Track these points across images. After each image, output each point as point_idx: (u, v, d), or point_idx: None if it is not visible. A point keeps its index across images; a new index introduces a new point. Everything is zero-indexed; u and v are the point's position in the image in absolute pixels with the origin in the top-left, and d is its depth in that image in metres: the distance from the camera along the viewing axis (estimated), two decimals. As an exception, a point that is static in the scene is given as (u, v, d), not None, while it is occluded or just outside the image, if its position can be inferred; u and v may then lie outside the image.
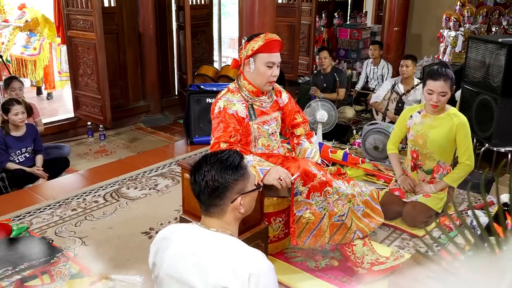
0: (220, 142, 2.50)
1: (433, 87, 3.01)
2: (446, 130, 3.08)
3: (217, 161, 1.53)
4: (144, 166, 4.23)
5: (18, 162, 3.97)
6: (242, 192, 1.53)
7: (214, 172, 1.50)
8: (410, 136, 3.24)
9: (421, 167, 3.26)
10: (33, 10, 6.78)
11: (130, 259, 2.79)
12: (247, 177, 1.56)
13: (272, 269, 1.41)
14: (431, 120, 3.13)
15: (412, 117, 3.24)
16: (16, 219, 3.24)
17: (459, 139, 3.09)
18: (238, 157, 1.56)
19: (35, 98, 6.98)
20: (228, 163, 1.52)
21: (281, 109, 2.83)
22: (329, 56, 5.43)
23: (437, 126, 3.11)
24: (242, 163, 1.56)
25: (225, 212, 1.52)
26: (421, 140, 3.17)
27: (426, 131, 3.14)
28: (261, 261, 1.40)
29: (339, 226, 2.56)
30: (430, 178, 3.24)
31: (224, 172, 1.50)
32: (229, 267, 1.37)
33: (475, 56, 4.13)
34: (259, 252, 1.44)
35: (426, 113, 3.17)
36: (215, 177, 1.49)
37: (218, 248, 1.43)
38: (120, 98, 5.89)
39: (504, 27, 6.53)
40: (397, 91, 4.92)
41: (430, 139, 3.13)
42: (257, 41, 2.54)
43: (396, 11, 6.70)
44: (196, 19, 6.32)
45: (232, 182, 1.51)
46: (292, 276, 2.60)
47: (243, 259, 1.39)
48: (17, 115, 3.91)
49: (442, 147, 3.13)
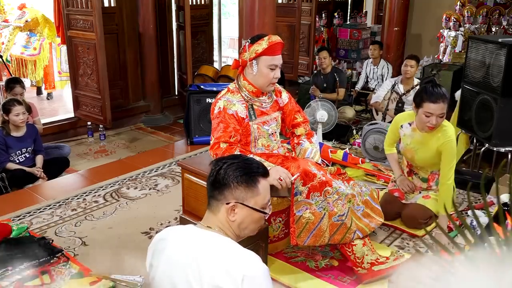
0: (220, 142, 2.50)
1: (433, 110, 2.87)
2: (434, 147, 3.00)
3: (239, 160, 1.53)
4: (144, 166, 4.24)
5: (18, 162, 3.97)
6: (240, 201, 1.50)
7: (227, 165, 1.51)
8: (401, 148, 3.21)
9: (416, 173, 3.26)
10: (33, 10, 6.78)
11: (130, 259, 2.79)
12: (253, 191, 1.51)
13: (266, 272, 1.40)
14: (420, 136, 3.06)
15: (403, 127, 3.18)
16: (16, 219, 3.24)
17: (444, 158, 2.98)
18: (258, 170, 1.54)
19: (35, 98, 6.98)
20: (244, 166, 1.51)
21: (281, 109, 2.83)
22: (329, 56, 5.44)
23: (425, 144, 3.04)
24: (258, 176, 1.52)
25: (219, 210, 1.52)
26: (410, 155, 3.15)
27: (415, 147, 3.09)
28: (256, 264, 1.39)
29: (339, 226, 2.56)
30: (427, 186, 3.24)
31: (234, 170, 1.50)
32: (223, 267, 1.36)
33: (475, 56, 4.13)
34: (254, 254, 1.43)
35: (416, 127, 3.08)
36: (223, 170, 1.50)
37: (213, 249, 1.42)
38: (120, 98, 5.89)
39: (504, 27, 6.53)
40: (397, 91, 4.92)
41: (418, 156, 3.09)
42: (261, 44, 2.53)
43: (396, 11, 6.70)
44: (196, 19, 6.32)
45: (233, 183, 1.49)
46: (292, 276, 2.60)
47: (238, 261, 1.38)
48: (18, 115, 3.90)
49: (431, 161, 3.09)
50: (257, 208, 1.53)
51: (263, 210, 1.56)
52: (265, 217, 1.59)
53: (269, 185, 1.61)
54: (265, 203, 1.56)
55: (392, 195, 3.28)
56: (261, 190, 1.53)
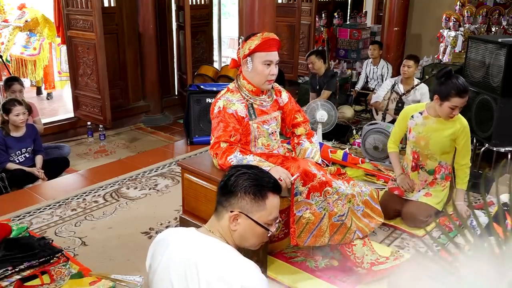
0: (220, 142, 2.50)
1: (460, 103, 2.97)
2: (449, 133, 3.08)
3: (253, 171, 1.52)
4: (144, 166, 4.23)
5: (18, 162, 3.97)
6: (244, 212, 1.48)
7: (239, 173, 1.49)
8: (412, 137, 3.23)
9: (423, 167, 3.26)
10: (33, 10, 6.77)
11: (130, 259, 2.79)
12: (260, 205, 1.48)
13: (264, 282, 1.40)
14: (433, 122, 3.12)
15: (414, 117, 3.22)
16: (16, 219, 3.24)
17: (461, 144, 3.09)
18: (269, 184, 1.51)
19: (35, 98, 6.98)
20: (256, 178, 1.49)
21: (281, 109, 2.83)
22: (319, 60, 5.32)
23: (440, 129, 3.10)
24: (267, 191, 1.49)
25: (223, 216, 1.51)
26: (423, 142, 3.17)
27: (428, 133, 3.13)
28: (255, 274, 1.39)
29: (339, 226, 2.56)
30: (432, 178, 3.24)
31: (245, 180, 1.48)
32: (222, 276, 1.36)
33: (475, 56, 4.13)
34: (253, 263, 1.43)
35: (428, 115, 3.15)
36: (234, 177, 1.49)
37: (213, 255, 1.42)
38: (120, 98, 5.89)
39: (504, 27, 6.53)
40: (397, 91, 4.92)
41: (432, 141, 3.13)
42: (254, 40, 2.54)
43: (396, 11, 6.69)
44: (196, 19, 6.31)
45: (241, 193, 1.47)
46: (292, 276, 2.60)
47: (237, 270, 1.38)
48: (18, 115, 3.90)
49: (443, 148, 3.13)
50: (260, 223, 1.50)
51: (266, 226, 1.52)
52: (268, 234, 1.55)
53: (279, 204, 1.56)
54: (270, 219, 1.52)
55: (392, 194, 3.29)
56: (268, 206, 1.50)
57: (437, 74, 3.14)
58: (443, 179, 3.22)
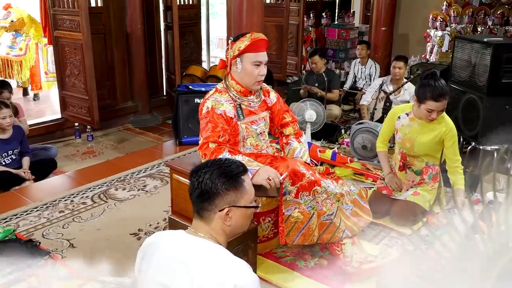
0: (209, 142, 2.50)
1: (435, 107, 2.95)
2: (434, 135, 3.08)
3: (217, 166, 1.53)
4: (132, 167, 4.21)
5: (4, 164, 3.92)
6: (232, 204, 1.51)
7: (209, 175, 1.50)
8: (398, 138, 3.25)
9: (410, 167, 3.28)
10: (18, 10, 6.69)
11: (118, 260, 2.77)
12: (242, 191, 1.53)
13: (256, 281, 1.41)
14: (418, 125, 3.13)
15: (400, 118, 3.23)
16: (2, 222, 3.20)
17: (448, 146, 3.09)
18: (239, 169, 1.54)
19: (21, 99, 6.89)
20: (225, 171, 1.51)
21: (270, 109, 2.83)
22: (321, 59, 5.44)
23: (425, 132, 3.10)
24: (241, 176, 1.54)
25: (212, 219, 1.51)
26: (409, 144, 3.18)
27: (414, 135, 3.14)
28: (246, 273, 1.40)
29: (327, 225, 2.57)
30: (420, 179, 3.26)
31: (218, 178, 1.50)
32: (214, 276, 1.36)
33: (461, 56, 4.17)
34: (244, 263, 1.44)
35: (414, 116, 3.16)
36: (207, 181, 1.49)
37: (204, 257, 1.42)
38: (108, 98, 5.84)
39: (489, 27, 6.61)
40: (385, 90, 4.95)
41: (417, 143, 3.14)
42: (243, 41, 2.54)
43: (383, 11, 6.74)
44: (184, 19, 6.29)
45: (223, 190, 1.49)
46: (281, 276, 2.61)
47: (228, 269, 1.39)
48: (4, 118, 3.85)
49: (429, 150, 3.15)
50: (249, 205, 1.56)
51: (254, 204, 1.61)
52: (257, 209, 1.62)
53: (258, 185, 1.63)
54: (252, 196, 1.60)
55: (381, 193, 3.30)
56: (247, 188, 1.56)
57: (421, 74, 3.16)
58: (430, 180, 3.24)
